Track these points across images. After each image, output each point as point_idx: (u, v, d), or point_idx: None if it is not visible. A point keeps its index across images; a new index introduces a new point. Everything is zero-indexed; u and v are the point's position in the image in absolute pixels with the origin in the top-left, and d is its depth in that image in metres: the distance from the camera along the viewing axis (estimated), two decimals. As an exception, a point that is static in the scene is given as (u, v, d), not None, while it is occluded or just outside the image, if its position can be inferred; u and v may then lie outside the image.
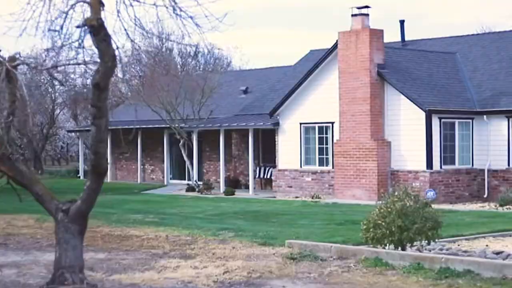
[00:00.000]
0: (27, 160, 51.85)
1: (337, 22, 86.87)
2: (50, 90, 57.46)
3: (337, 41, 30.97)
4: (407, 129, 29.55)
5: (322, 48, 35.97)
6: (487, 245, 17.06)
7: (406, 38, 38.35)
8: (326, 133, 32.33)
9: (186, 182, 40.67)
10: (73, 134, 57.44)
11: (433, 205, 27.47)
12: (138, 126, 44.00)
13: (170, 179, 44.07)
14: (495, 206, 27.45)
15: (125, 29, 9.93)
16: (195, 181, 37.65)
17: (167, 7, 9.57)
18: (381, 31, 30.35)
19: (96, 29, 9.57)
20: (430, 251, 15.94)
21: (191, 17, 9.77)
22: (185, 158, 39.45)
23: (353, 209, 26.37)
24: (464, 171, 30.01)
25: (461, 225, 20.79)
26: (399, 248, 14.99)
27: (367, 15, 30.42)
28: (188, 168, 39.97)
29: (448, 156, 29.74)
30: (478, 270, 12.90)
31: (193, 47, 59.02)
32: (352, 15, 30.57)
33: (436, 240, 17.15)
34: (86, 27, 9.62)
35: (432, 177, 28.85)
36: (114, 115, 50.38)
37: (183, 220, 22.42)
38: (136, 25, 9.90)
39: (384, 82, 30.06)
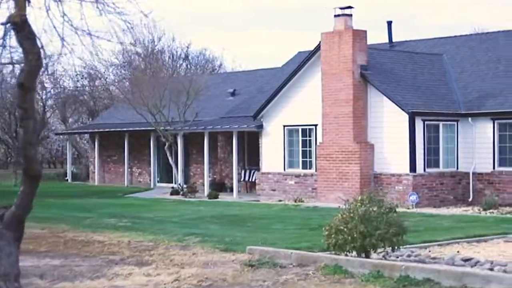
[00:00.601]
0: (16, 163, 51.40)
1: (329, 23, 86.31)
2: (40, 92, 57.01)
3: (320, 42, 30.44)
4: (390, 131, 29.02)
5: (310, 50, 35.37)
6: (458, 251, 16.50)
7: (395, 39, 37.82)
8: (310, 136, 31.82)
9: (173, 185, 40.12)
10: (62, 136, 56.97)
11: (416, 209, 27.41)
12: (125, 129, 43.58)
13: (158, 182, 43.58)
14: (479, 210, 26.90)
15: (54, 27, 9.38)
16: (179, 184, 37.14)
17: (92, 2, 9.03)
18: (364, 31, 29.81)
19: (20, 26, 9.04)
20: (397, 257, 15.41)
21: (119, 13, 9.23)
22: (171, 161, 38.96)
23: (333, 213, 25.64)
24: (448, 174, 29.46)
25: (438, 229, 20.26)
26: (363, 255, 14.47)
27: (350, 15, 29.89)
28: (178, 171, 39.47)
29: (432, 159, 29.21)
30: (438, 279, 12.37)
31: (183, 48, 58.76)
32: (335, 16, 30.05)
33: (406, 246, 16.68)
34: (9, 25, 9.09)
35: (415, 180, 28.30)
36: (104, 117, 50.11)
37: (155, 225, 21.90)
38: (65, 21, 9.34)
39: (367, 83, 29.53)
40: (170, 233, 19.32)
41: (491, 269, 13.90)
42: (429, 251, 16.70)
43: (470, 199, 29.21)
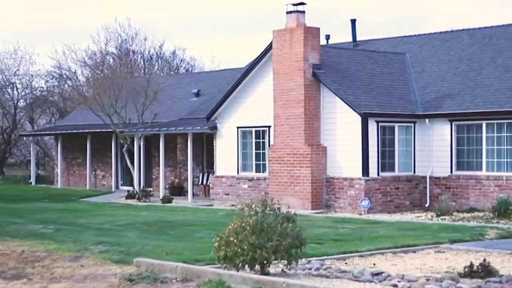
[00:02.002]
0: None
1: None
2: (10, 93, 55.86)
3: (272, 40, 29.12)
4: (343, 133, 27.68)
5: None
6: (374, 264, 15.19)
7: (364, 38, 36.58)
8: (263, 138, 30.51)
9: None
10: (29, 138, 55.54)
11: (367, 215, 26.02)
12: (86, 131, 42.32)
13: (121, 185, 42.28)
14: (432, 216, 25.57)
15: None
16: (134, 188, 35.86)
17: None
18: (317, 29, 28.47)
19: None
20: (304, 270, 14.11)
21: None
22: (129, 164, 37.66)
23: (276, 219, 24.44)
24: (404, 179, 28.10)
25: (370, 238, 18.93)
26: (258, 268, 13.14)
27: (302, 12, 28.54)
28: (141, 173, 38.17)
29: (387, 162, 27.86)
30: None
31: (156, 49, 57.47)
32: (287, 12, 28.70)
33: (324, 257, 15.45)
34: None
35: (367, 184, 26.95)
36: (68, 119, 48.82)
37: (74, 232, 20.59)
38: None
39: (320, 83, 28.18)
40: (78, 241, 18.01)
41: (395, 285, 12.61)
42: (346, 263, 15.40)
43: (427, 205, 27.88)
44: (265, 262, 12.98)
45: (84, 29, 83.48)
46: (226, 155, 31.72)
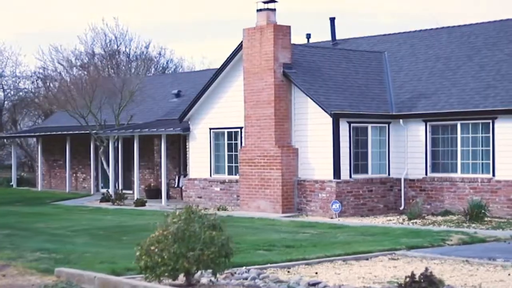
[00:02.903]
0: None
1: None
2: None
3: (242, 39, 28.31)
4: (315, 134, 26.85)
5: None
6: (316, 273, 14.36)
7: (345, 36, 35.74)
8: (236, 139, 29.69)
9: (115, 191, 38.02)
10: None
11: (338, 219, 25.17)
12: (65, 132, 41.54)
13: (102, 187, 41.44)
14: (403, 220, 24.73)
15: None
16: (107, 191, 35.10)
17: None
18: (288, 27, 27.63)
19: None
20: (239, 280, 13.31)
21: None
22: (105, 166, 36.89)
23: (242, 223, 23.68)
24: (378, 181, 27.25)
25: (329, 244, 18.09)
26: (182, 278, 12.34)
27: (273, 10, 27.70)
28: (118, 176, 37.36)
29: (359, 164, 27.02)
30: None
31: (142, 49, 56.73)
32: (257, 10, 27.87)
33: (268, 265, 14.64)
34: None
35: (338, 187, 26.09)
36: (50, 121, 48.06)
37: (23, 238, 19.84)
38: None
39: (291, 83, 27.34)
40: (18, 248, 17.24)
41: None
42: (288, 271, 14.58)
43: (402, 208, 27.03)
44: (190, 272, 12.17)
45: (72, 30, 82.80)
46: (199, 157, 30.93)
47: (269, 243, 17.98)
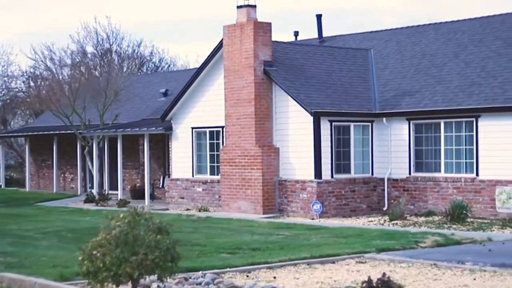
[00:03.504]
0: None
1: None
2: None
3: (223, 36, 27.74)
4: (296, 133, 26.26)
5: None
6: (275, 277, 13.81)
7: (335, 34, 35.15)
8: (218, 139, 29.12)
9: (110, 191, 37.44)
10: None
11: (319, 220, 24.58)
12: (51, 132, 41.03)
13: (90, 188, 40.89)
14: (385, 221, 24.15)
15: None
16: (91, 191, 34.58)
17: None
18: (269, 24, 27.03)
19: None
20: (192, 285, 12.78)
21: None
22: (90, 166, 36.37)
23: (219, 225, 23.14)
24: (361, 181, 26.65)
25: (299, 247, 17.51)
26: (129, 284, 11.78)
27: (253, 6, 27.11)
28: (104, 176, 36.87)
29: (342, 164, 26.43)
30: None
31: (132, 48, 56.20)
32: (238, 7, 27.28)
33: (227, 269, 14.08)
34: None
35: (319, 187, 25.50)
36: (39, 120, 47.55)
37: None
38: None
39: (271, 81, 26.76)
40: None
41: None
42: (247, 276, 14.03)
43: (385, 208, 26.42)
44: (135, 277, 11.60)
45: (65, 29, 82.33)
46: (182, 157, 30.38)
47: (236, 246, 17.43)
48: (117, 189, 36.58)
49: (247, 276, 13.98)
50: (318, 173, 25.61)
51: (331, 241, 18.56)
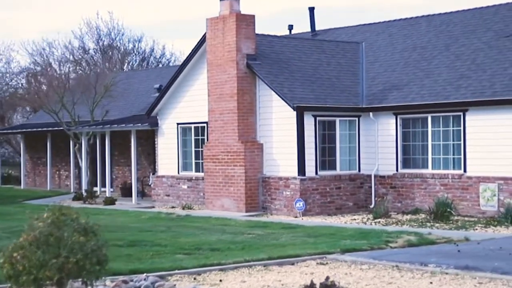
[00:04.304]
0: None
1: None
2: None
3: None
4: (280, 129, 25.46)
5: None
6: (221, 280, 13.05)
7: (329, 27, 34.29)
8: (203, 135, 28.36)
9: (102, 189, 36.79)
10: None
11: (302, 218, 23.77)
12: (45, 129, 40.44)
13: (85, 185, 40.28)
14: (368, 219, 23.31)
15: None
16: (83, 189, 33.95)
17: None
18: (252, 16, 26.22)
19: None
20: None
21: None
22: (80, 163, 35.71)
23: (195, 223, 22.40)
24: (347, 178, 25.80)
25: (262, 247, 16.72)
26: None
27: (237, -2, 26.34)
28: (96, 173, 36.22)
29: (327, 160, 25.60)
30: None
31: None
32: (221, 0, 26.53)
33: (177, 271, 13.35)
34: None
35: (303, 184, 24.68)
36: (36, 117, 47.01)
37: None
38: None
39: (255, 75, 25.96)
40: None
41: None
42: (194, 278, 13.30)
43: (372, 206, 25.57)
44: (55, 281, 10.87)
45: (66, 24, 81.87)
46: (167, 153, 29.67)
47: (197, 246, 16.68)
48: (112, 187, 36.02)
49: (195, 278, 13.24)
50: (301, 169, 24.81)
51: (300, 240, 17.76)
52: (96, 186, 36.14)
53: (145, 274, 13.14)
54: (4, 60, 56.15)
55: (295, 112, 24.74)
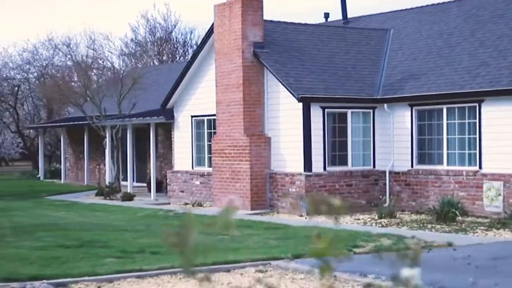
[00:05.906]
0: None
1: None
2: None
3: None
4: (287, 121, 23.87)
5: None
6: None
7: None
8: (215, 128, 26.94)
9: (134, 183, 35.89)
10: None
11: (307, 217, 22.11)
12: (81, 122, 39.76)
13: (122, 180, 39.44)
14: (372, 219, 21.51)
15: None
16: (98, 184, 33.09)
17: None
18: (260, 2, 24.68)
19: None
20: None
21: None
22: (107, 157, 34.81)
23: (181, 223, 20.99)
24: (359, 174, 24.00)
25: (217, 250, 15.20)
26: None
27: (244, -17, 24.80)
28: (133, 168, 35.37)
29: (337, 155, 23.87)
30: None
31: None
32: (228, -16, 25.05)
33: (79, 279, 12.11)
34: None
35: (308, 181, 23.02)
36: (77, 111, 46.46)
37: None
38: None
39: (262, 64, 24.41)
40: None
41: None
42: (98, 287, 11.91)
43: (386, 204, 23.66)
44: None
45: (121, 18, 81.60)
46: (182, 147, 28.43)
47: (142, 249, 15.30)
48: (141, 181, 35.09)
49: (99, 287, 11.86)
50: (307, 165, 23.17)
51: (263, 244, 16.20)
52: (126, 180, 35.24)
53: (43, 281, 11.86)
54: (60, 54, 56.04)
55: (301, 104, 23.09)
